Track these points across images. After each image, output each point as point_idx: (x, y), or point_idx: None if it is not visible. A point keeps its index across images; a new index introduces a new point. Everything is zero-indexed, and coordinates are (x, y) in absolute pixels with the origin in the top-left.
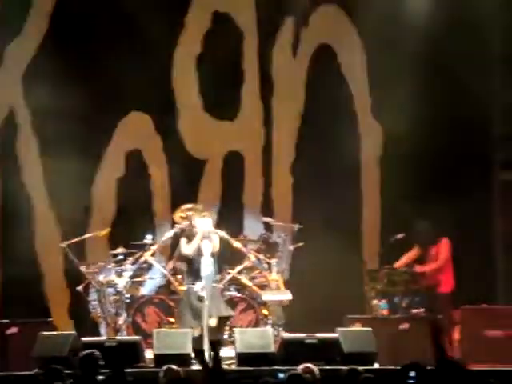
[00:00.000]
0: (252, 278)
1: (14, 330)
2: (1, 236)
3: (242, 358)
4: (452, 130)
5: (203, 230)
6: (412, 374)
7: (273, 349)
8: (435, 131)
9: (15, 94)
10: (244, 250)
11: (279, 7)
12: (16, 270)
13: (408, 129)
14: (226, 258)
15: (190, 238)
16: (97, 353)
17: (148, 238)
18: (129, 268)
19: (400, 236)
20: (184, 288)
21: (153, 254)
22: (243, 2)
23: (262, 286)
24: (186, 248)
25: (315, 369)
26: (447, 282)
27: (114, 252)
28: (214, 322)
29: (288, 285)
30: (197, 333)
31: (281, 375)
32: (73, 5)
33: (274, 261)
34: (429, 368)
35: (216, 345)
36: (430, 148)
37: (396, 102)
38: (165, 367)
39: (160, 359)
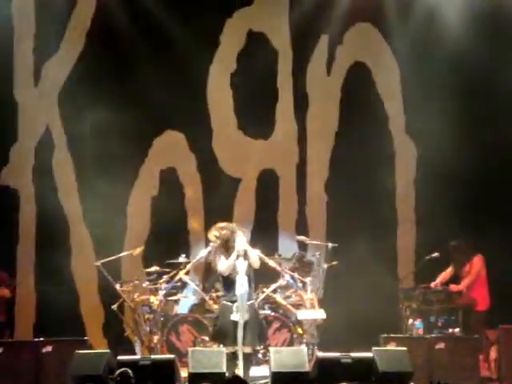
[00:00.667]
0: (286, 297)
1: (49, 348)
2: (37, 255)
3: (277, 377)
4: (489, 149)
5: (238, 249)
6: None
7: (307, 368)
8: (472, 150)
9: (51, 113)
10: (278, 268)
11: (314, 25)
12: (51, 288)
13: (443, 148)
14: (261, 276)
15: (226, 255)
16: (129, 371)
17: (182, 257)
18: (163, 287)
19: (435, 255)
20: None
21: (187, 273)
22: (278, 21)
23: (297, 305)
24: (221, 265)
25: None
26: (482, 300)
27: (149, 270)
28: (247, 349)
29: (322, 304)
30: (230, 349)
31: None
32: (110, 23)
33: (308, 279)
34: None
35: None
36: (466, 167)
37: (432, 121)
38: None
39: (195, 378)
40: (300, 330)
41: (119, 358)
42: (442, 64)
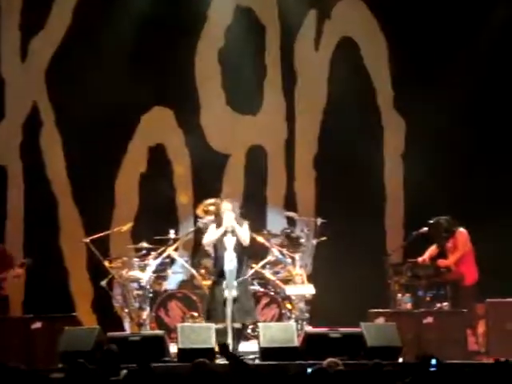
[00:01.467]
0: (275, 273)
1: (38, 324)
2: (25, 231)
3: (266, 352)
4: (481, 124)
5: (226, 225)
6: (433, 361)
7: (296, 343)
8: (462, 125)
9: (39, 89)
10: (267, 244)
11: (301, 0)
12: (40, 265)
13: (432, 122)
14: (250, 252)
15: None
16: (113, 347)
17: (171, 233)
18: (152, 263)
19: (423, 230)
20: (208, 283)
21: (176, 249)
22: None
23: (286, 281)
24: (205, 238)
25: (339, 363)
26: (470, 274)
27: (137, 247)
28: (238, 325)
29: (311, 279)
30: (221, 325)
31: (309, 370)
32: None
33: (297, 255)
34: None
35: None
36: (456, 141)
37: (420, 96)
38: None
39: (184, 354)
40: (289, 306)
41: (109, 334)
42: (430, 38)
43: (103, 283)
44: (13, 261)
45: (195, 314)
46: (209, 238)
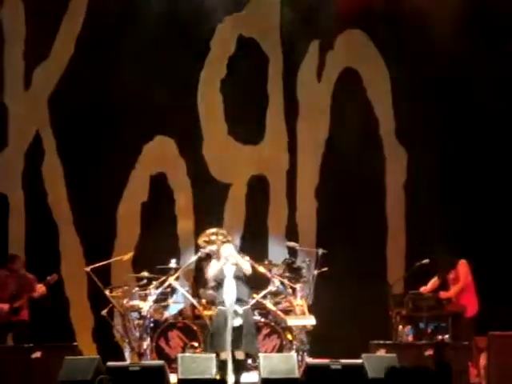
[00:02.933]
0: (276, 303)
1: (38, 354)
2: (27, 259)
3: (266, 383)
4: (482, 154)
5: (224, 255)
6: None
7: (297, 374)
8: (464, 155)
9: (42, 118)
10: (268, 274)
11: (304, 31)
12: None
13: (434, 153)
14: (251, 282)
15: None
16: (106, 378)
17: (172, 262)
18: (153, 292)
19: (425, 261)
20: (209, 313)
21: (177, 279)
22: (268, 26)
23: (287, 311)
24: (208, 272)
25: None
26: (471, 306)
27: (139, 276)
28: (241, 355)
29: (312, 309)
30: (224, 356)
31: None
32: (99, 28)
33: (298, 286)
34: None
35: None
36: (458, 172)
37: (422, 127)
38: None
39: None
40: (290, 337)
41: (109, 364)
42: (433, 69)
43: (104, 312)
44: (33, 284)
45: (196, 344)
46: (212, 272)
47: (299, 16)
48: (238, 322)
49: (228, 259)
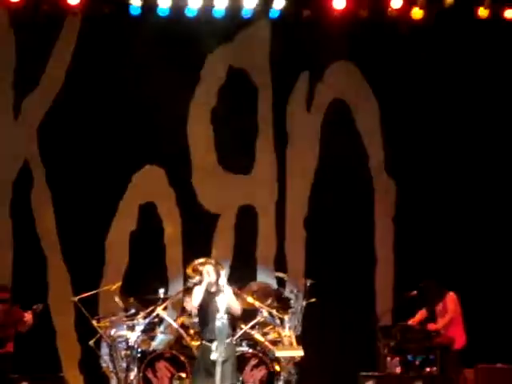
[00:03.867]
0: (264, 334)
1: None
2: (13, 289)
3: None
4: (470, 188)
5: (207, 280)
6: None
7: None
8: (453, 189)
9: (30, 147)
10: (257, 304)
11: (294, 62)
12: None
13: (423, 186)
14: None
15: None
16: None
17: (160, 293)
18: (140, 322)
19: (413, 293)
20: (197, 343)
21: (165, 309)
22: (258, 57)
23: (275, 342)
24: (192, 301)
25: None
26: (459, 338)
27: (126, 306)
28: None
29: (300, 340)
30: None
31: None
32: (89, 58)
33: (286, 316)
34: None
35: None
36: (446, 205)
37: (411, 159)
38: None
39: None
40: (278, 368)
41: None
42: (423, 102)
43: (91, 343)
44: (20, 314)
45: (183, 375)
46: (196, 299)
47: (288, 47)
48: (222, 356)
49: (220, 289)
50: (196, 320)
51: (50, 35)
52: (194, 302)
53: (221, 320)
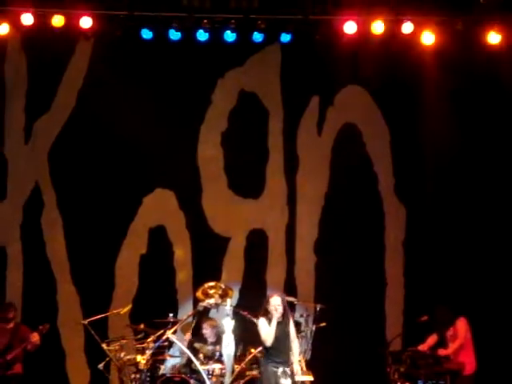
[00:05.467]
0: None
1: None
2: (23, 312)
3: None
4: (479, 210)
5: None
6: None
7: None
8: (462, 212)
9: (41, 170)
10: None
11: (305, 86)
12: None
13: (433, 210)
14: (249, 337)
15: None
16: None
17: (170, 316)
18: (150, 346)
19: (424, 318)
20: (206, 367)
21: (174, 332)
22: (269, 81)
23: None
24: (262, 334)
25: None
26: (469, 363)
27: (136, 329)
28: None
29: (310, 365)
30: None
31: None
32: (102, 82)
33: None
34: None
35: None
36: (456, 229)
37: (421, 183)
38: None
39: None
40: None
41: None
42: (431, 125)
43: (100, 366)
44: (27, 334)
45: None
46: (267, 333)
47: (299, 71)
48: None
49: (227, 313)
50: (209, 346)
51: (62, 59)
52: (268, 338)
53: (227, 342)
